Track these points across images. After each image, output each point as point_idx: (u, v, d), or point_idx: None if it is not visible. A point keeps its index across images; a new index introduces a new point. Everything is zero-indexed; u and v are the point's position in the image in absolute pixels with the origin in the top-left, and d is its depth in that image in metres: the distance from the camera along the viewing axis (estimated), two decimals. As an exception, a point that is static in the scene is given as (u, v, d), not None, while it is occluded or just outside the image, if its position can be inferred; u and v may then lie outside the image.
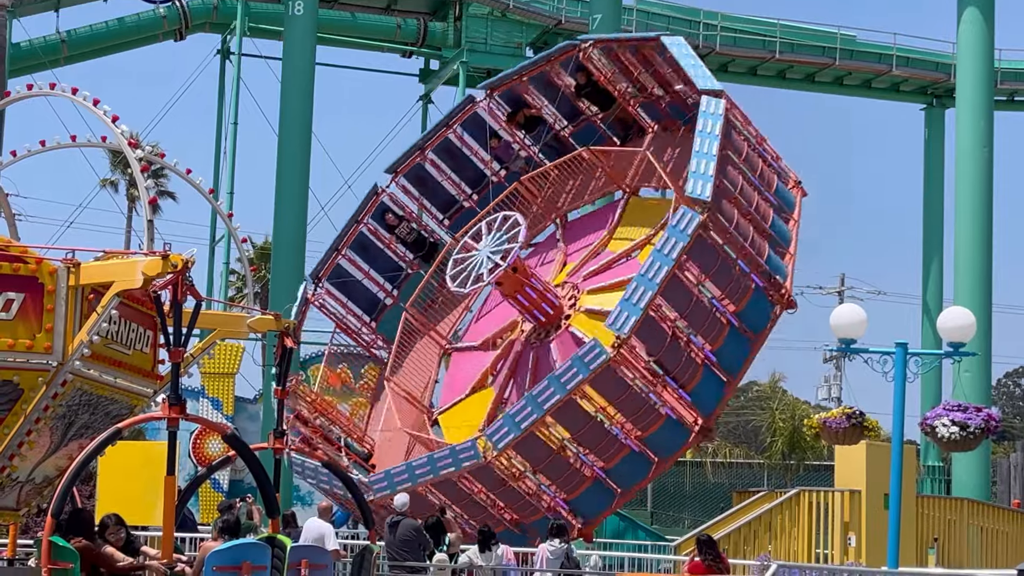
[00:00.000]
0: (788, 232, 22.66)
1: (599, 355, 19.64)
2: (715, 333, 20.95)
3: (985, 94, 37.75)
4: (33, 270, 11.68)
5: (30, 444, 11.89)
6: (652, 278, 19.80)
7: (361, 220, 25.49)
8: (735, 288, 21.04)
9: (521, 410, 20.02)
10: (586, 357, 19.69)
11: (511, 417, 20.08)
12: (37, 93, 13.45)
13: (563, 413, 20.14)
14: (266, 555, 11.63)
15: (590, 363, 19.64)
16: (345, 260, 25.53)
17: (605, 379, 20.02)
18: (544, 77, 24.70)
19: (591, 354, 19.69)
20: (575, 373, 19.73)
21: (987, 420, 17.92)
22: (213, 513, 24.73)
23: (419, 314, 24.99)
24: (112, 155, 46.97)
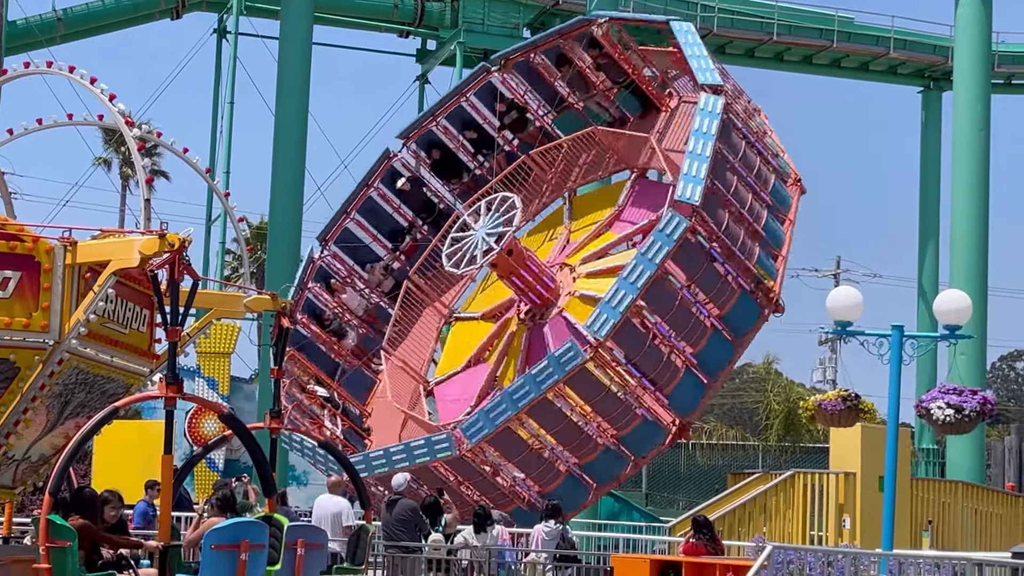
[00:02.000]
0: (781, 233, 22.52)
1: (575, 356, 19.70)
2: (697, 336, 20.94)
3: (982, 77, 37.73)
4: (30, 248, 11.66)
5: (26, 423, 11.89)
6: (634, 282, 19.78)
7: (371, 184, 25.51)
8: (721, 292, 21.04)
9: (496, 406, 20.17)
10: (562, 358, 19.77)
11: (486, 413, 20.24)
12: (34, 71, 13.42)
13: (538, 411, 20.27)
14: (264, 533, 11.65)
15: (566, 364, 19.72)
16: (353, 224, 25.55)
17: (581, 380, 20.13)
18: (557, 50, 24.66)
19: (568, 355, 19.75)
20: (551, 373, 19.81)
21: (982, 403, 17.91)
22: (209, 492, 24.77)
23: (423, 282, 24.94)
24: (106, 134, 46.94)
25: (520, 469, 21.03)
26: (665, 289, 20.42)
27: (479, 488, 21.03)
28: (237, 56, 40.16)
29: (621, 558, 18.52)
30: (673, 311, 20.56)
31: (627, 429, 20.92)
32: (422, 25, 42.43)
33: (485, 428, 20.16)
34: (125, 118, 12.54)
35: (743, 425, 51.61)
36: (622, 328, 19.92)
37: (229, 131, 40.37)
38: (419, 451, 20.68)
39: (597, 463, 21.10)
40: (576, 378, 20.04)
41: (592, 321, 19.80)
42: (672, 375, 20.84)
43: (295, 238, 34.15)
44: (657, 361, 20.69)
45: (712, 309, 21.10)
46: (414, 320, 25.05)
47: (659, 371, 20.75)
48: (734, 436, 45.80)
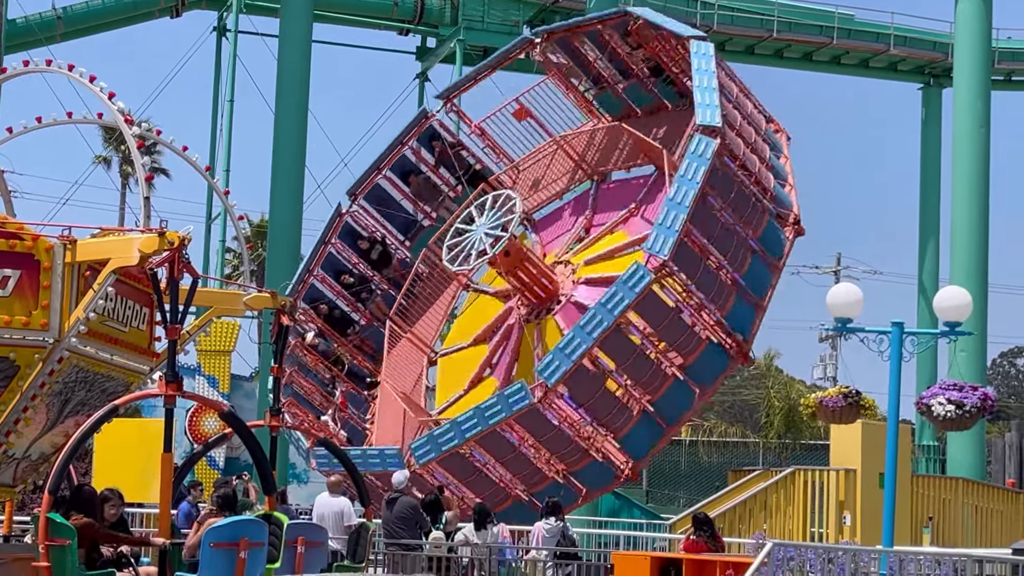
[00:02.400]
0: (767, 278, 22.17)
1: (523, 399, 19.90)
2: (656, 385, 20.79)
3: (982, 74, 37.70)
4: (29, 247, 11.65)
5: (26, 421, 11.88)
6: (590, 332, 19.63)
7: (406, 143, 25.58)
8: (686, 342, 20.86)
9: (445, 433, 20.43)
10: (511, 398, 20.09)
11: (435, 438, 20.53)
12: (33, 70, 13.41)
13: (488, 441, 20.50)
14: (264, 532, 11.66)
15: (514, 404, 19.99)
16: (384, 180, 25.63)
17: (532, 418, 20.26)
18: (596, 36, 24.57)
19: (516, 396, 20.01)
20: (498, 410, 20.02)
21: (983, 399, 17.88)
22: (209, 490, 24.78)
23: (403, 322, 25.03)
24: (105, 132, 46.92)
25: (471, 489, 21.15)
26: (623, 338, 20.28)
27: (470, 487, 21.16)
28: (237, 54, 40.18)
29: (622, 555, 18.52)
30: (631, 360, 20.44)
31: (578, 466, 21.03)
32: (422, 23, 42.41)
33: (432, 452, 20.43)
34: (124, 116, 12.53)
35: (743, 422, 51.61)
36: (575, 373, 19.88)
37: (229, 129, 40.37)
38: (373, 460, 21.10)
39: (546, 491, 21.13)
40: (526, 416, 20.16)
41: (544, 366, 19.75)
42: (626, 420, 20.79)
43: (295, 236, 34.13)
44: (611, 406, 20.64)
45: (675, 358, 20.92)
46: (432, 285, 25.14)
47: (612, 416, 20.72)
48: (734, 433, 45.80)
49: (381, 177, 25.62)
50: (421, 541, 18.20)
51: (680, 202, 19.95)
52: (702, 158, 20.10)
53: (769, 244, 22.25)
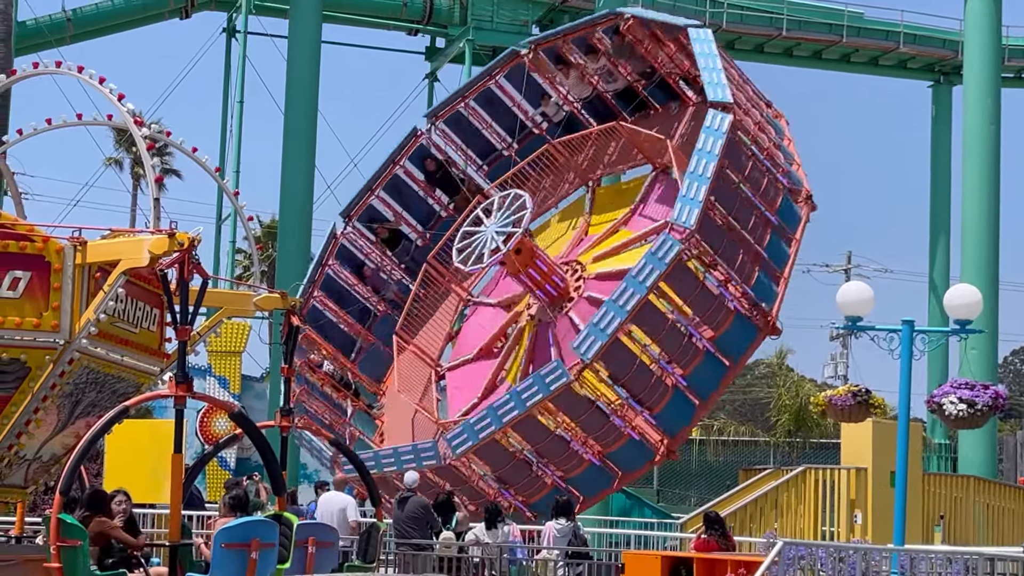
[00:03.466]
0: (786, 253, 22.17)
1: (560, 376, 19.69)
2: (688, 358, 20.73)
3: (992, 71, 37.65)
4: (40, 248, 11.67)
5: (37, 422, 11.91)
6: (623, 305, 19.66)
7: (397, 162, 25.51)
8: (715, 314, 20.77)
9: (481, 419, 20.22)
10: (547, 377, 19.80)
11: (471, 425, 20.27)
12: (43, 71, 13.42)
13: (523, 426, 20.39)
14: (275, 532, 11.67)
15: (551, 383, 19.74)
16: (378, 200, 25.55)
17: (566, 399, 20.16)
18: (585, 40, 24.60)
19: (552, 374, 19.77)
20: (536, 391, 19.85)
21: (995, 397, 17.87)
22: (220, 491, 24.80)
23: (441, 265, 24.94)
24: (117, 133, 47.02)
25: (506, 481, 21.10)
26: (656, 311, 20.29)
27: (467, 495, 21.09)
28: (246, 55, 40.24)
29: (633, 554, 18.52)
30: (663, 333, 20.42)
31: (614, 447, 20.94)
32: (431, 23, 42.44)
33: (470, 440, 20.25)
34: (134, 118, 12.54)
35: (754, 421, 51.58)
36: (610, 349, 19.87)
37: (239, 130, 40.44)
38: (406, 457, 20.87)
39: (582, 477, 21.10)
40: (562, 397, 20.08)
41: (580, 342, 19.73)
42: (661, 395, 20.74)
43: (305, 236, 34.16)
44: (646, 382, 20.61)
45: (705, 331, 20.92)
46: (433, 302, 25.05)
47: (647, 391, 20.67)
48: (745, 432, 45.78)
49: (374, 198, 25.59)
50: (432, 541, 18.21)
51: (702, 174, 20.07)
52: (718, 131, 20.25)
53: (786, 218, 22.39)
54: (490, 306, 24.80)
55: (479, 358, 23.90)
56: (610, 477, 21.31)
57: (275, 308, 14.08)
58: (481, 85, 25.49)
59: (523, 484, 21.09)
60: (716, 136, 20.40)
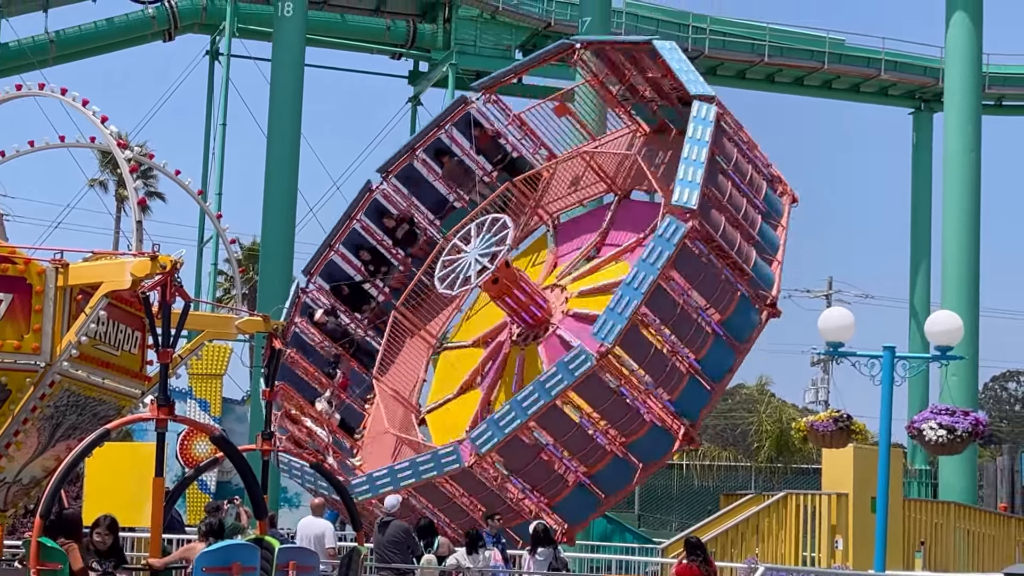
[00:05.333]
0: (776, 239, 22.67)
1: (584, 361, 19.68)
2: (700, 342, 20.96)
3: (973, 98, 37.82)
4: (21, 270, 11.64)
5: (17, 445, 11.86)
6: (637, 288, 19.83)
7: (354, 217, 25.46)
8: (721, 297, 21.07)
9: (505, 415, 20.05)
10: (571, 364, 19.74)
11: (495, 421, 20.10)
12: (26, 93, 13.40)
13: (547, 418, 20.19)
14: (256, 556, 11.63)
15: (575, 369, 19.69)
16: (338, 256, 25.49)
17: (590, 385, 20.07)
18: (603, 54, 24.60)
19: (576, 360, 19.73)
20: (560, 379, 19.77)
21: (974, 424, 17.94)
22: (201, 514, 24.69)
23: (409, 312, 24.97)
24: (101, 155, 46.96)
25: (528, 481, 20.94)
26: (667, 295, 20.50)
27: (484, 503, 20.91)
28: (230, 78, 40.22)
29: (613, 580, 18.49)
30: (675, 317, 20.63)
31: (635, 436, 20.87)
32: (414, 47, 42.52)
33: (495, 437, 19.93)
34: (118, 140, 12.54)
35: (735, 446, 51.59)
36: (628, 334, 19.96)
37: (222, 153, 40.40)
38: (425, 466, 20.48)
39: (605, 473, 21.01)
40: (584, 384, 20.00)
41: (599, 328, 19.80)
42: (677, 381, 20.89)
43: (287, 260, 34.13)
44: (663, 366, 20.74)
45: (713, 314, 21.17)
46: (401, 350, 25.02)
47: (665, 376, 20.79)
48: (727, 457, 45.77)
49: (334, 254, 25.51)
50: (413, 565, 18.17)
51: (695, 159, 20.41)
52: (706, 120, 20.45)
53: (772, 206, 22.73)
54: (464, 347, 24.76)
55: (459, 395, 23.86)
56: (632, 470, 21.23)
57: (257, 331, 14.05)
58: (431, 136, 25.53)
59: (547, 484, 20.89)
60: (705, 124, 20.84)
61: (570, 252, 24.40)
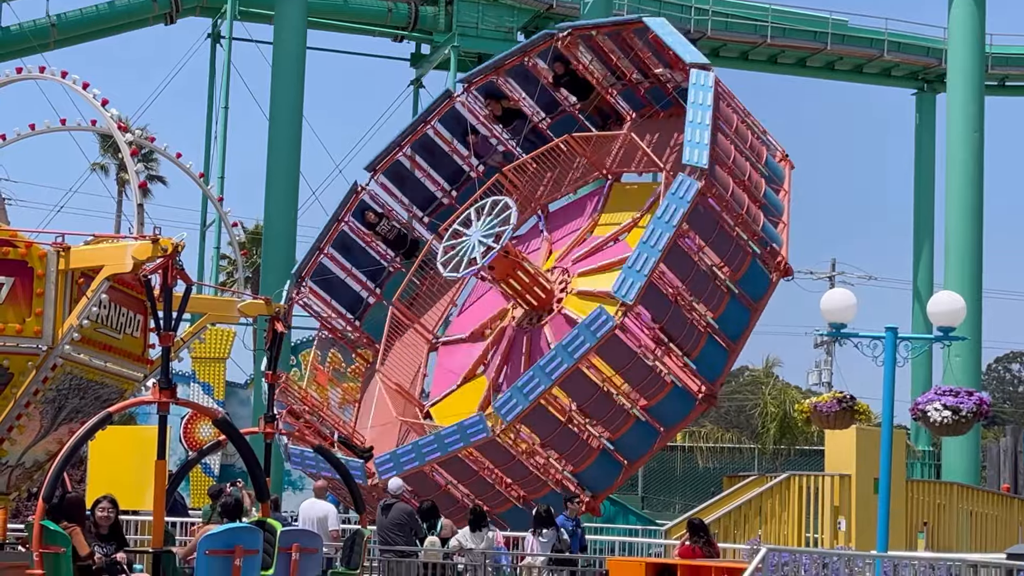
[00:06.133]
0: (780, 202, 22.82)
1: (606, 322, 19.66)
2: (716, 301, 21.15)
3: (976, 79, 37.76)
4: (23, 254, 11.65)
5: (20, 428, 11.88)
6: (654, 245, 19.91)
7: (342, 219, 25.43)
8: (734, 255, 21.26)
9: (529, 381, 19.99)
10: (592, 325, 19.72)
11: (519, 388, 20.03)
12: (27, 77, 13.39)
13: (570, 383, 20.17)
14: (258, 539, 11.65)
15: (596, 331, 19.67)
16: (327, 259, 25.48)
17: (611, 347, 20.04)
18: (521, 69, 24.63)
19: (597, 321, 19.72)
20: (582, 342, 19.74)
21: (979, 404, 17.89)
22: (204, 498, 24.75)
23: (405, 309, 24.99)
24: (102, 139, 46.97)
25: (553, 448, 20.88)
26: (683, 253, 20.53)
27: (509, 474, 20.88)
28: (231, 61, 40.15)
29: (617, 561, 18.50)
30: (692, 275, 20.70)
31: (657, 398, 20.91)
32: (416, 29, 42.42)
33: (519, 404, 19.88)
34: (118, 123, 12.52)
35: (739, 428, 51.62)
36: (647, 292, 19.96)
37: (223, 136, 40.34)
38: (451, 439, 20.39)
39: (628, 438, 21.03)
40: (606, 347, 19.96)
41: (619, 286, 19.82)
42: (697, 340, 20.98)
43: (290, 243, 34.13)
44: (682, 326, 20.80)
45: (728, 273, 21.25)
46: (404, 346, 25.04)
47: (684, 336, 20.86)
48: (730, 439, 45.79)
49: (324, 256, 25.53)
50: (416, 548, 18.19)
51: (700, 122, 20.52)
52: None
53: (774, 171, 22.77)
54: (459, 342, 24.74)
55: (462, 386, 23.87)
56: (654, 434, 21.28)
57: (259, 314, 14.07)
58: (419, 132, 25.49)
59: (572, 451, 20.86)
60: (705, 90, 20.98)
61: (564, 237, 24.39)
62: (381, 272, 25.74)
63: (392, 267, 25.70)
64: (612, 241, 23.27)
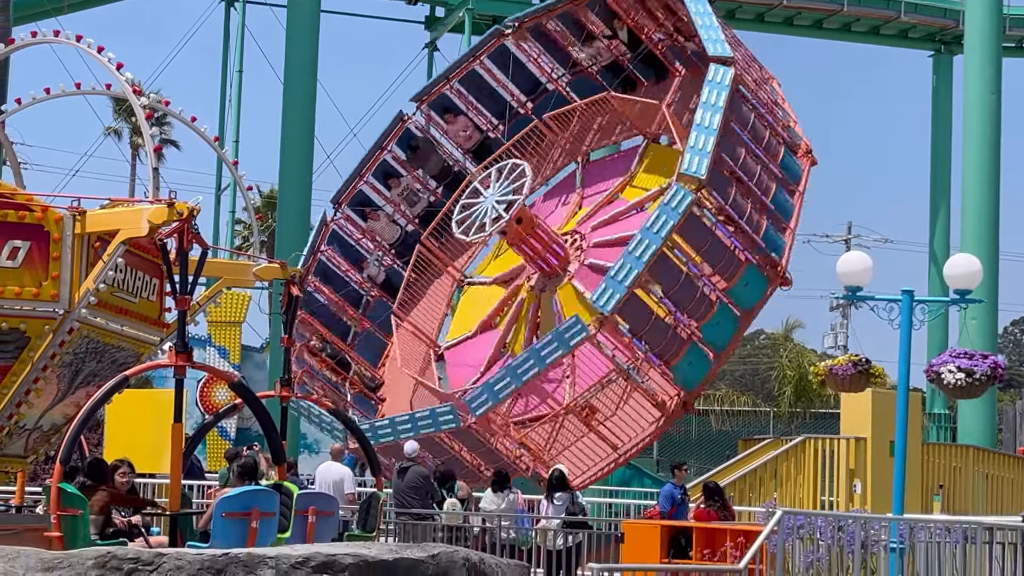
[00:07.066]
0: (791, 205, 22.44)
1: (579, 332, 19.67)
2: (703, 310, 20.90)
3: (993, 41, 37.49)
4: (39, 218, 11.67)
5: (37, 392, 11.92)
6: (640, 256, 19.70)
7: (385, 147, 25.42)
8: (727, 265, 20.95)
9: (500, 379, 20.20)
10: (567, 333, 19.77)
11: (490, 386, 20.23)
12: (41, 40, 13.37)
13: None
14: (275, 502, 11.70)
15: (570, 339, 19.71)
16: (367, 187, 25.48)
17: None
18: (570, 15, 24.56)
19: (572, 330, 19.75)
20: (555, 348, 19.80)
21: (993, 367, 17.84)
22: (220, 461, 24.85)
23: (434, 246, 24.91)
24: (116, 103, 46.90)
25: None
26: (670, 263, 20.35)
27: (482, 457, 21.04)
28: (245, 24, 40.08)
29: (632, 524, 18.55)
30: (678, 285, 20.49)
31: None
32: (430, -9, 42.29)
33: (489, 401, 20.17)
34: (133, 87, 12.50)
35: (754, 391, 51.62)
36: (628, 302, 19.88)
37: (238, 100, 40.35)
38: (423, 422, 20.71)
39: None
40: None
41: (598, 296, 19.74)
42: (677, 349, 20.79)
43: (305, 207, 34.10)
44: (663, 335, 20.63)
45: (718, 282, 21.04)
46: (426, 284, 25.05)
47: (665, 345, 20.68)
48: (745, 402, 45.81)
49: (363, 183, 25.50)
50: (432, 511, 18.24)
51: (708, 125, 20.40)
52: (721, 84, 20.56)
53: (789, 171, 22.80)
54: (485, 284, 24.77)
55: (478, 335, 23.88)
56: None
57: (275, 278, 14.08)
58: (466, 67, 25.41)
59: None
60: (720, 89, 20.70)
61: (596, 194, 24.32)
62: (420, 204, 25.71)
63: (432, 198, 25.67)
64: (636, 209, 23.15)
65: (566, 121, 24.50)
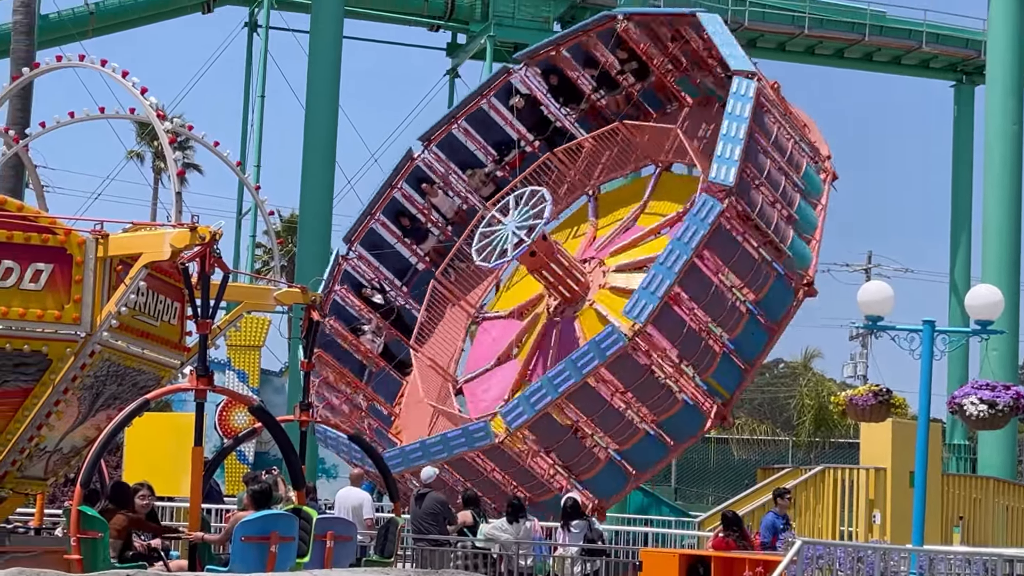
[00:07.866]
0: (815, 218, 22.46)
1: (616, 341, 19.65)
2: (734, 321, 20.87)
3: (1016, 71, 37.43)
4: (62, 241, 11.71)
5: (58, 414, 11.95)
6: (671, 267, 19.76)
7: (395, 185, 25.48)
8: (756, 276, 20.94)
9: (536, 391, 20.07)
10: (603, 343, 19.72)
11: (526, 398, 20.13)
12: (66, 64, 13.46)
13: (579, 396, 20.19)
14: (294, 526, 11.69)
15: (606, 349, 19.67)
16: (378, 224, 25.53)
17: (622, 364, 20.04)
18: (580, 48, 24.64)
19: (608, 340, 19.71)
20: (591, 358, 19.76)
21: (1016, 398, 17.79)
22: (239, 485, 24.85)
23: (448, 282, 24.98)
24: (139, 127, 47.12)
25: (559, 457, 20.94)
26: (701, 274, 20.41)
27: (515, 478, 20.93)
28: (268, 50, 40.25)
29: (650, 552, 18.49)
30: (709, 296, 20.54)
31: (667, 414, 20.84)
32: (452, 19, 42.40)
33: (525, 414, 19.98)
34: (157, 111, 12.57)
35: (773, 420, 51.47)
36: (661, 313, 19.90)
37: (260, 125, 40.46)
38: (456, 441, 20.53)
39: (636, 449, 20.98)
40: (616, 363, 19.98)
41: (631, 307, 19.77)
42: (711, 360, 20.81)
43: (325, 231, 34.18)
44: (695, 346, 20.66)
45: (748, 294, 21.08)
46: (440, 320, 25.04)
47: (698, 356, 20.69)
48: (764, 431, 45.67)
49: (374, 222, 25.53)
50: (449, 537, 18.21)
51: (734, 135, 20.29)
52: (746, 96, 20.39)
53: (811, 184, 22.58)
54: (500, 318, 24.76)
55: (497, 367, 23.87)
56: (664, 447, 21.22)
57: (295, 303, 14.10)
58: (473, 105, 25.48)
59: (577, 460, 20.85)
60: (744, 100, 20.72)
61: (610, 224, 24.32)
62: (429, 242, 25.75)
63: (442, 237, 25.70)
64: (653, 235, 23.15)
65: (575, 155, 24.51)
